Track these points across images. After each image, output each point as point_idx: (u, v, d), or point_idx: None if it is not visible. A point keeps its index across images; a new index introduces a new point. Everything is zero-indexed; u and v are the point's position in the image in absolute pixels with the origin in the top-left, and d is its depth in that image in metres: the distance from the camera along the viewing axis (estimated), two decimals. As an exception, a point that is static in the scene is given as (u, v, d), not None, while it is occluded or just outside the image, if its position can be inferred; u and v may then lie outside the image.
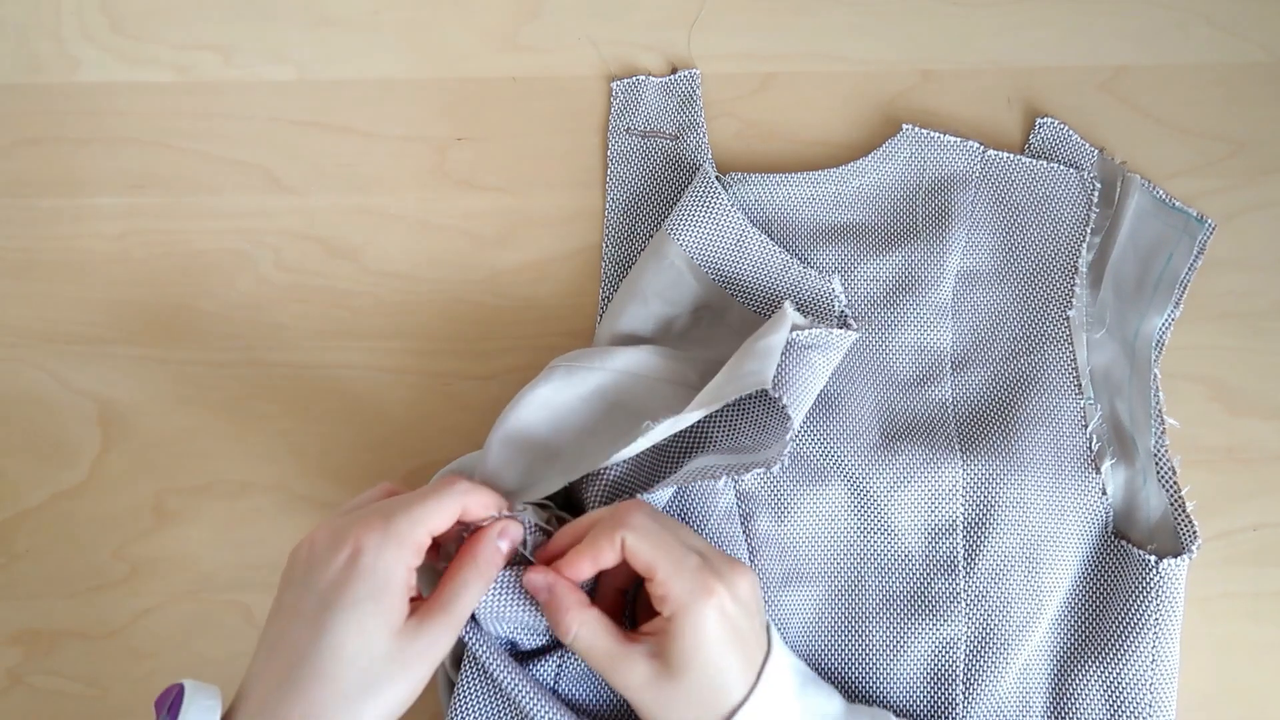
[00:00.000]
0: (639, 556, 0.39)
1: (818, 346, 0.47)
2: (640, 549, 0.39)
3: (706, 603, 0.39)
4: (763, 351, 0.44)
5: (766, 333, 0.46)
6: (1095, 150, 0.56)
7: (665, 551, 0.39)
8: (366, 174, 0.56)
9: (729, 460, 0.46)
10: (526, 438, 0.46)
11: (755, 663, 0.40)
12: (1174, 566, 0.47)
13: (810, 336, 0.46)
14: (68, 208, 0.55)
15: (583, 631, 0.40)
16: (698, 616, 0.38)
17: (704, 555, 0.40)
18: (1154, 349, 0.53)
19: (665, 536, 0.40)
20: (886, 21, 0.58)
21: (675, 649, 0.39)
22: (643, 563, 0.39)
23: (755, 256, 0.51)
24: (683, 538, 0.41)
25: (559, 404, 0.47)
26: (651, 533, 0.40)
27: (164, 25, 0.57)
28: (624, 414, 0.47)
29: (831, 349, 0.47)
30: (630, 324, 0.51)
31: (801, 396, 0.46)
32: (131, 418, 0.53)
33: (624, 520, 0.40)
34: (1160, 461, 0.51)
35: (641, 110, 0.56)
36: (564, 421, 0.47)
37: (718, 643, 0.39)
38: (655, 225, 0.55)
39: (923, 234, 0.54)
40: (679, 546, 0.40)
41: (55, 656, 0.51)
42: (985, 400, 0.52)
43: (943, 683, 0.48)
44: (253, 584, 0.52)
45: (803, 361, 0.46)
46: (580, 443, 0.46)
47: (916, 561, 0.49)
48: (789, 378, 0.45)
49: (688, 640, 0.38)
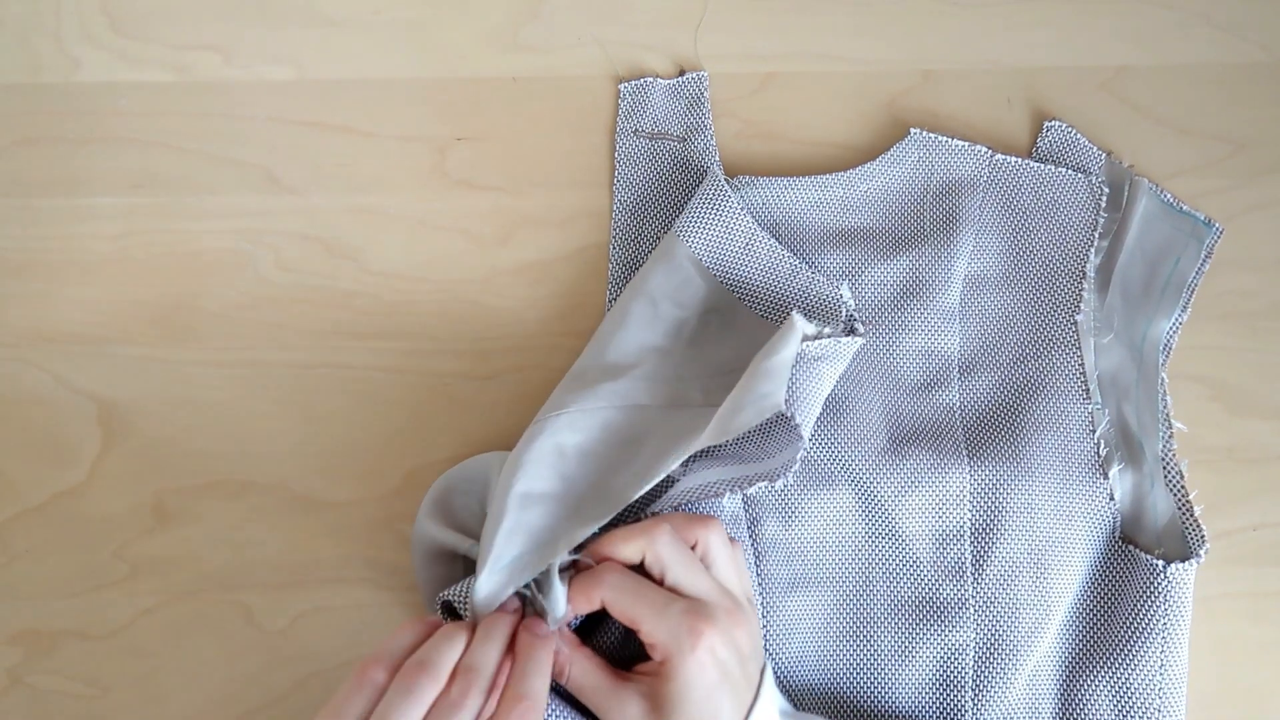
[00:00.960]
0: (621, 612, 0.40)
1: (826, 358, 0.47)
2: (620, 604, 0.40)
3: (696, 647, 0.39)
4: (774, 371, 0.44)
5: (776, 348, 0.45)
6: (1103, 154, 0.56)
7: (647, 603, 0.40)
8: (366, 174, 0.56)
9: (734, 473, 0.46)
10: (540, 495, 0.44)
11: (744, 702, 0.41)
12: (1182, 571, 0.47)
13: (819, 348, 0.46)
14: (68, 208, 0.55)
15: (574, 670, 0.41)
16: (687, 661, 0.39)
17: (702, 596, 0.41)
18: (1161, 353, 0.53)
19: (643, 589, 0.40)
20: (886, 21, 0.58)
21: (665, 691, 0.39)
22: (626, 617, 0.40)
23: (764, 260, 0.51)
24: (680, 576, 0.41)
25: (567, 453, 0.46)
26: (629, 587, 0.40)
27: (164, 25, 0.57)
28: (636, 448, 0.46)
29: (839, 359, 0.47)
30: (637, 325, 0.51)
31: (812, 408, 0.45)
32: (131, 418, 0.53)
33: (600, 580, 0.40)
34: (1168, 466, 0.51)
35: (649, 112, 0.56)
36: (576, 471, 0.45)
37: (707, 686, 0.39)
38: (662, 227, 0.55)
39: (930, 238, 0.54)
40: (659, 595, 0.40)
41: (55, 656, 0.51)
42: (992, 405, 0.52)
43: (951, 689, 0.48)
44: (253, 584, 0.52)
45: (812, 374, 0.46)
46: (598, 486, 0.45)
47: (924, 567, 0.49)
48: (799, 394, 0.45)
49: (678, 683, 0.39)
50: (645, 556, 0.41)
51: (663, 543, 0.41)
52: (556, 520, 0.43)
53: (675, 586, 0.41)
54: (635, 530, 0.42)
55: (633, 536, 0.41)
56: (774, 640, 0.49)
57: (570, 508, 0.44)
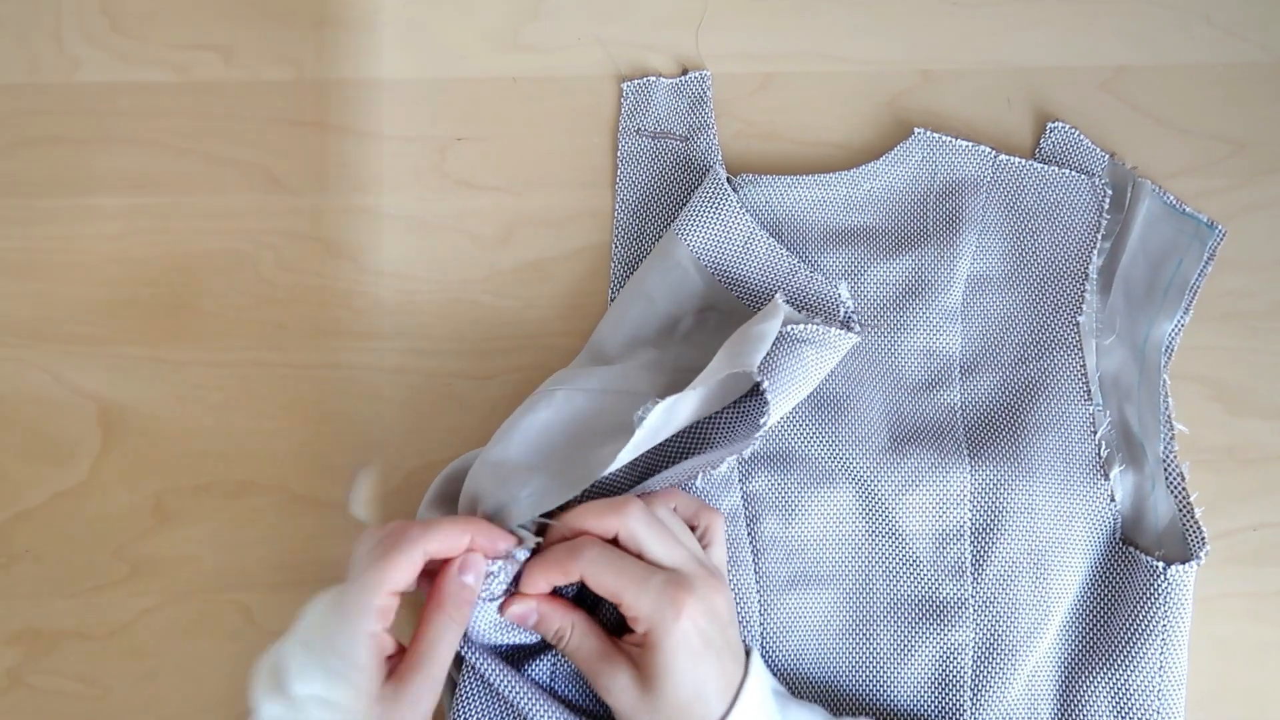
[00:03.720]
0: (600, 585, 0.40)
1: (812, 342, 0.47)
2: (599, 578, 0.40)
3: (678, 618, 0.39)
4: (753, 338, 0.44)
5: (757, 321, 0.46)
6: (1106, 155, 0.56)
7: (627, 577, 0.40)
8: (366, 174, 0.56)
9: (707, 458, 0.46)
10: (512, 463, 0.45)
11: (733, 676, 0.41)
12: (1182, 573, 0.47)
13: (805, 331, 0.46)
14: (68, 208, 0.55)
15: (573, 635, 0.42)
16: (670, 632, 0.39)
17: (678, 567, 0.41)
18: (1163, 355, 0.53)
19: (623, 562, 0.41)
20: (886, 21, 0.58)
21: (651, 661, 0.40)
22: (606, 590, 0.40)
23: (762, 259, 0.51)
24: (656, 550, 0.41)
25: (542, 427, 0.46)
26: (608, 561, 0.40)
27: (164, 25, 0.57)
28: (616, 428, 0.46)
29: (827, 347, 0.47)
30: (635, 323, 0.51)
31: (788, 387, 0.46)
32: (131, 418, 0.53)
33: (579, 553, 0.41)
34: (1169, 468, 0.51)
35: (652, 111, 0.56)
36: (551, 443, 0.46)
37: (692, 654, 0.40)
38: (664, 226, 0.55)
39: (933, 238, 0.54)
40: (639, 568, 0.40)
41: (55, 656, 0.51)
42: (994, 405, 0.52)
43: (950, 688, 0.48)
44: (253, 584, 0.52)
45: (794, 353, 0.46)
46: (572, 459, 0.45)
47: (924, 566, 0.49)
48: (776, 365, 0.45)
49: (662, 654, 0.39)
50: (619, 532, 0.41)
51: (635, 517, 0.41)
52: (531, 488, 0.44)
53: (652, 559, 0.41)
54: (607, 505, 0.42)
55: (605, 512, 0.42)
56: (772, 637, 0.49)
57: (548, 477, 0.44)
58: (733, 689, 0.41)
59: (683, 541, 0.43)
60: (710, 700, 0.40)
